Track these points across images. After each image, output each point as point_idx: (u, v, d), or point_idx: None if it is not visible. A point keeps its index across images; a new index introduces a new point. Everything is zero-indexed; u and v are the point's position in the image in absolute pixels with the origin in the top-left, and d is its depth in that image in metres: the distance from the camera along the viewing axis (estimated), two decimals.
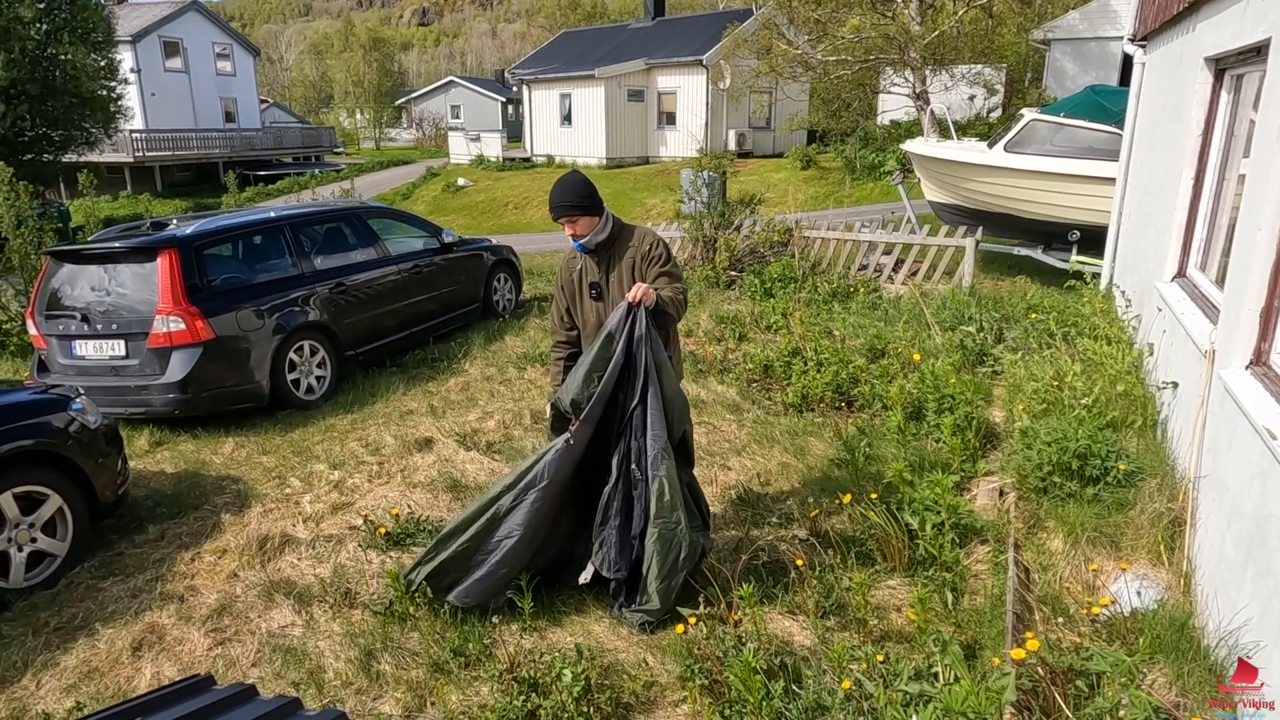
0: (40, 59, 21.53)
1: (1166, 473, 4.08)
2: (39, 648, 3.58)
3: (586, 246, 3.66)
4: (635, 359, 3.44)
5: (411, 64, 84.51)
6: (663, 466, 3.41)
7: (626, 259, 3.68)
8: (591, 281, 3.73)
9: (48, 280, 6.24)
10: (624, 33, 32.29)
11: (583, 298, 3.78)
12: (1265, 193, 3.06)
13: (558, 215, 3.61)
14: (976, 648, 3.14)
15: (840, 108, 23.17)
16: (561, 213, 3.60)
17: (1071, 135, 9.30)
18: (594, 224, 3.63)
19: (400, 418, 6.20)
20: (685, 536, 3.43)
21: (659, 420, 3.42)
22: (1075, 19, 19.65)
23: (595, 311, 3.75)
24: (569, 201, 3.58)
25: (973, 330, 6.90)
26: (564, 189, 3.61)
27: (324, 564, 4.16)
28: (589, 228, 3.62)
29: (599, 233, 3.64)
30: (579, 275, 3.78)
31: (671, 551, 3.42)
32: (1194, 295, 4.65)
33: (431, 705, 3.10)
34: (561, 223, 3.63)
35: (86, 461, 4.28)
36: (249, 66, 39.78)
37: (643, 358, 3.42)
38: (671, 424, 3.46)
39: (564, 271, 3.85)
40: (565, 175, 3.70)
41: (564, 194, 3.59)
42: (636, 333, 3.43)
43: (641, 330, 3.42)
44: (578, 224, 3.60)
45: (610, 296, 3.70)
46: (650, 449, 3.43)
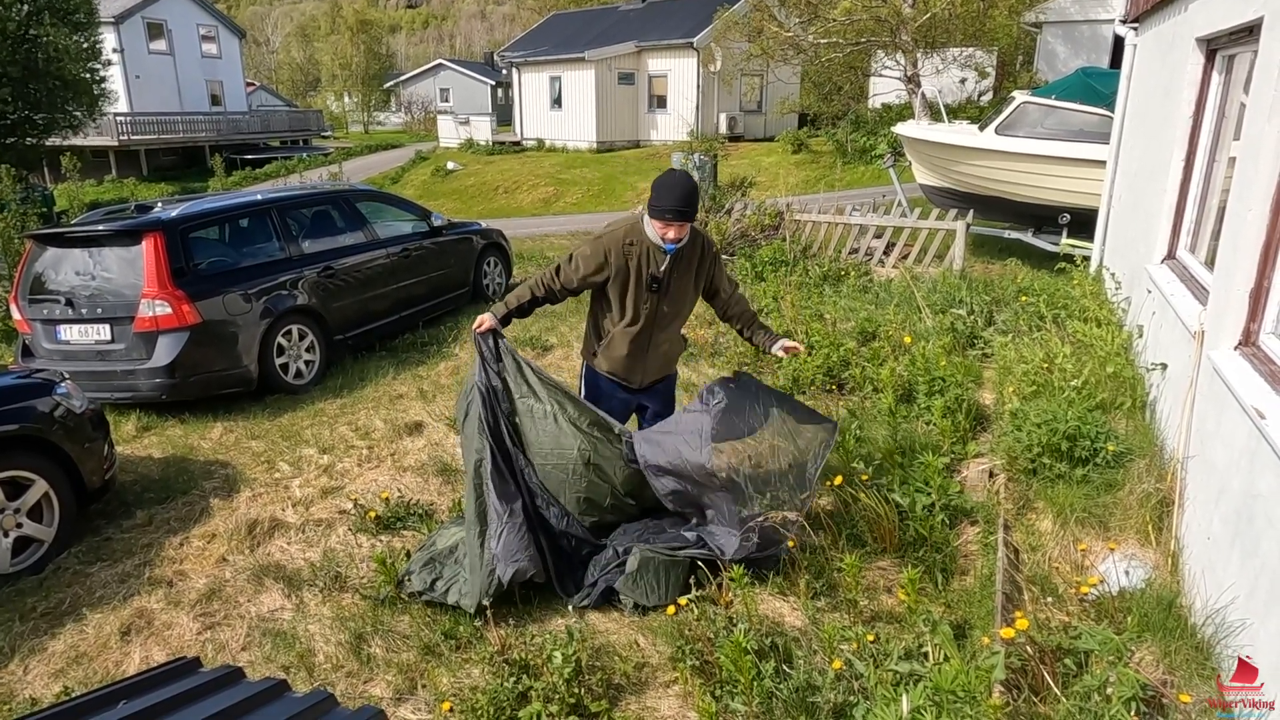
0: (21, 41, 21.17)
1: (1155, 453, 4.10)
2: (26, 633, 3.56)
3: (677, 249, 3.52)
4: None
5: (400, 47, 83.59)
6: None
7: (693, 257, 3.62)
8: (654, 274, 3.55)
9: (31, 264, 6.16)
10: (614, 15, 32.01)
11: (635, 285, 3.58)
12: (1256, 174, 3.06)
13: (679, 219, 3.39)
14: (966, 627, 3.15)
15: (832, 91, 23.10)
16: (684, 219, 3.40)
17: (1062, 118, 9.28)
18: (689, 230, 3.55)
19: (390, 402, 6.18)
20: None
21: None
22: (1067, 1, 19.59)
23: (649, 302, 3.60)
24: (692, 208, 3.41)
25: (963, 313, 6.90)
26: (684, 194, 3.38)
27: (314, 548, 4.15)
28: (688, 233, 3.52)
29: (687, 237, 3.55)
30: (638, 262, 3.55)
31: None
32: (1184, 277, 4.66)
33: (422, 688, 3.09)
34: (670, 224, 3.41)
35: (73, 446, 4.24)
36: (235, 49, 39.27)
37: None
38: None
39: (616, 248, 3.54)
40: (683, 176, 3.46)
41: (689, 199, 3.39)
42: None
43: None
44: (684, 230, 3.46)
45: (671, 293, 3.63)
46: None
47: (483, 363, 3.63)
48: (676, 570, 3.49)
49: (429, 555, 3.67)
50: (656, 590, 3.46)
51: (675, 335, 3.85)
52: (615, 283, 3.58)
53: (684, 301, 3.75)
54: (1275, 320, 3.03)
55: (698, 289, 3.77)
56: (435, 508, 4.48)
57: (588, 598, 3.52)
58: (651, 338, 3.70)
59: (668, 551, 3.51)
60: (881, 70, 19.41)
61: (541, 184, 22.59)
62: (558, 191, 21.91)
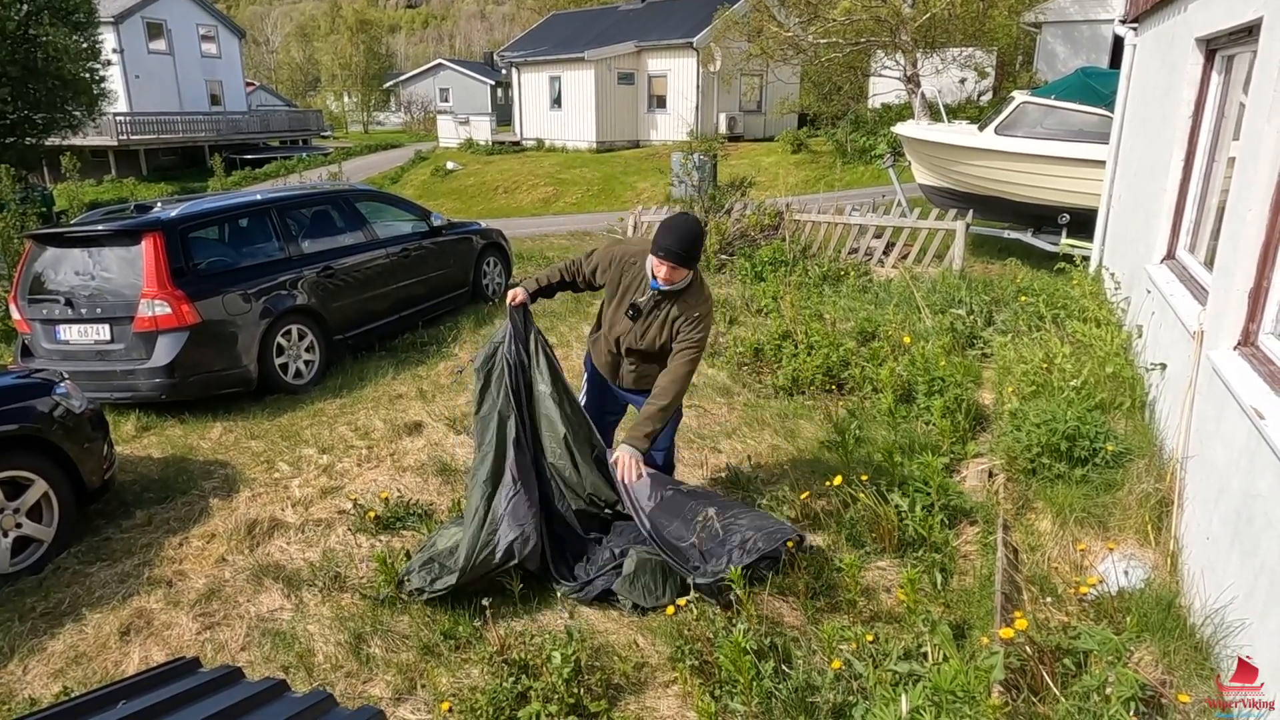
0: (21, 40, 21.18)
1: (1154, 453, 4.10)
2: (25, 633, 3.56)
3: (662, 290, 3.48)
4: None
5: (399, 46, 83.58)
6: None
7: (674, 311, 3.51)
8: (634, 303, 3.56)
9: (30, 264, 6.16)
10: (614, 15, 32.01)
11: (618, 302, 3.63)
12: (1255, 174, 3.06)
13: (669, 259, 3.34)
14: (965, 627, 3.15)
15: (831, 91, 23.09)
16: (675, 260, 3.34)
17: (1062, 118, 9.29)
18: (684, 277, 3.47)
19: (389, 402, 6.18)
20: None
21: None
22: (1066, 2, 19.60)
23: (622, 323, 3.62)
24: (687, 253, 3.36)
25: (963, 313, 6.90)
26: (688, 238, 3.35)
27: (313, 548, 4.15)
28: (680, 278, 3.46)
29: (680, 284, 3.49)
30: (629, 283, 3.58)
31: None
32: (1183, 277, 4.66)
33: (422, 688, 3.09)
34: (662, 264, 3.36)
35: (72, 446, 4.24)
36: (234, 48, 39.26)
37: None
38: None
39: (619, 262, 3.62)
40: (688, 219, 3.43)
41: (686, 243, 3.34)
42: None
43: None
44: (676, 273, 3.41)
45: (643, 330, 3.59)
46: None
47: (514, 334, 3.68)
48: (674, 571, 3.50)
49: (428, 555, 3.67)
50: (654, 591, 3.46)
51: (649, 368, 3.71)
52: (608, 290, 3.72)
53: (654, 343, 3.61)
54: (1274, 320, 3.03)
55: (669, 340, 3.59)
56: (435, 508, 4.47)
57: (581, 591, 3.55)
58: (622, 355, 3.73)
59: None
60: (881, 70, 19.42)
61: (541, 184, 22.60)
62: (557, 191, 21.91)
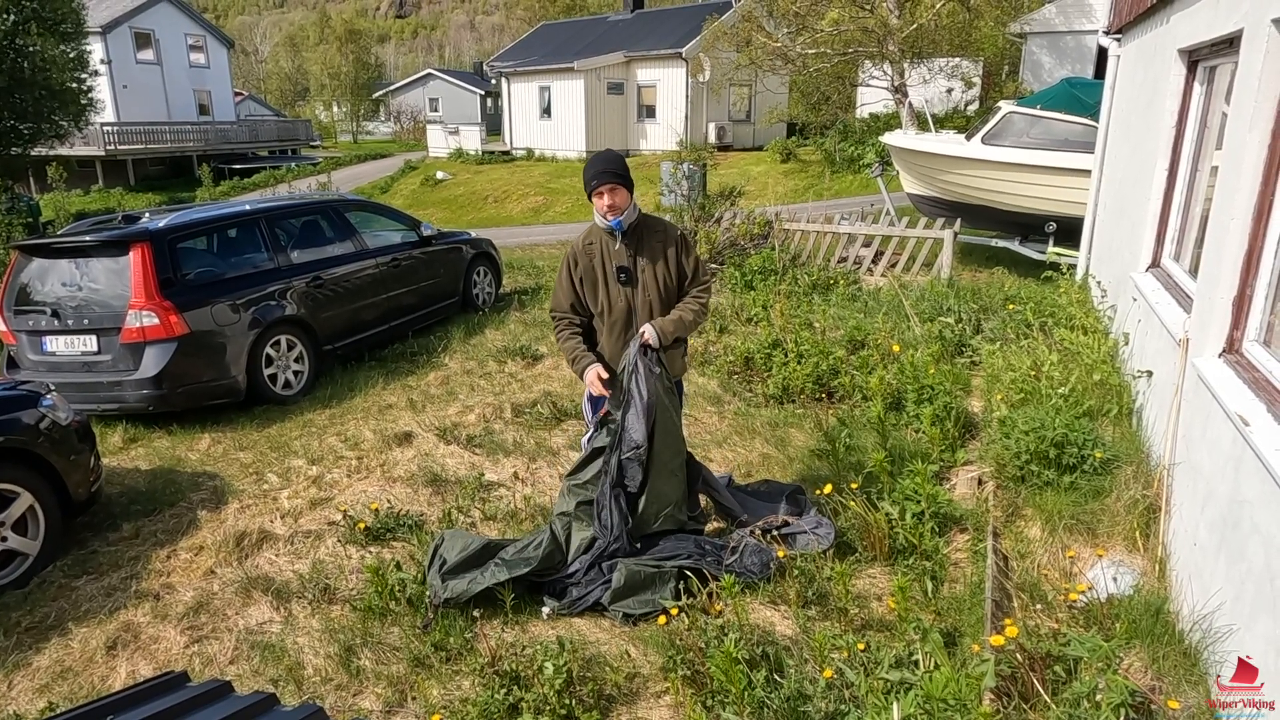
0: (8, 50, 21.06)
1: (1142, 460, 4.13)
2: (10, 648, 3.53)
3: (623, 225, 3.55)
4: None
5: (389, 56, 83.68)
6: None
7: (658, 246, 3.62)
8: (620, 265, 3.59)
9: (16, 275, 6.12)
10: (603, 25, 32.15)
11: (608, 282, 3.63)
12: (1238, 183, 3.09)
13: (600, 182, 3.49)
14: (956, 635, 3.16)
15: (820, 100, 23.23)
16: (604, 180, 3.48)
17: (1048, 127, 9.37)
18: (629, 200, 3.55)
19: (379, 412, 6.16)
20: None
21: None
22: (1051, 12, 19.82)
23: (624, 296, 3.63)
24: (612, 170, 3.50)
25: (951, 321, 6.94)
26: (606, 159, 3.57)
27: (303, 560, 4.12)
28: (626, 201, 3.53)
29: (631, 213, 3.57)
30: (600, 260, 3.62)
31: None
32: (1168, 285, 4.70)
33: (412, 700, 3.08)
34: (601, 191, 3.49)
35: (58, 459, 4.21)
36: (223, 58, 39.15)
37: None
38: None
39: (578, 258, 3.64)
40: (603, 150, 3.71)
41: (606, 162, 3.55)
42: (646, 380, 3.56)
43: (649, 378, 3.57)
44: (618, 194, 3.49)
45: (643, 281, 3.61)
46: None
47: (654, 377, 3.59)
48: (663, 581, 3.51)
49: (459, 560, 3.61)
50: (643, 602, 3.46)
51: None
52: (588, 282, 3.67)
53: (659, 291, 3.66)
54: (1258, 328, 3.07)
55: (676, 278, 3.70)
56: (425, 518, 4.46)
57: (570, 609, 3.54)
58: (634, 329, 3.69)
59: (653, 564, 3.54)
60: (869, 80, 19.56)
61: (531, 193, 22.61)
62: (547, 201, 21.93)
